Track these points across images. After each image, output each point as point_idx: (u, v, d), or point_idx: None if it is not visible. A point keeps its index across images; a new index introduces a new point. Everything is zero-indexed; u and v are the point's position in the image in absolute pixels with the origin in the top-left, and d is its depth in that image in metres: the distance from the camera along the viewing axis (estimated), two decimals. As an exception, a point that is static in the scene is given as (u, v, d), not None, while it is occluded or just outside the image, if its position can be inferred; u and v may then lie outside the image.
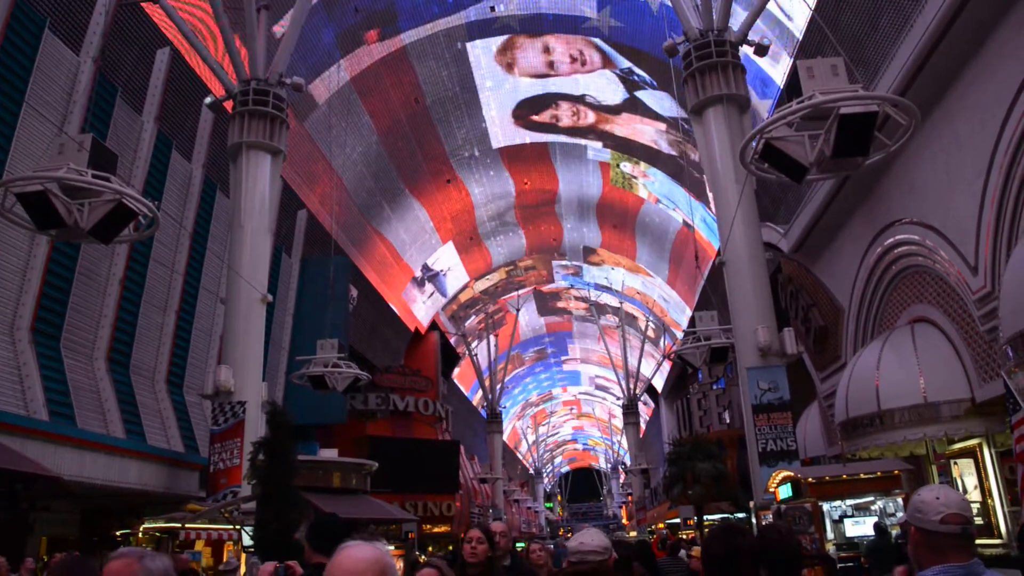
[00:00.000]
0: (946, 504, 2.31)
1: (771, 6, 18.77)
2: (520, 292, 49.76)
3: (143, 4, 16.33)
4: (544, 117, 33.13)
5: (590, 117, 32.56)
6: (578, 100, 31.70)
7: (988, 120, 10.13)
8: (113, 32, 15.52)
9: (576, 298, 51.53)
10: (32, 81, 13.85)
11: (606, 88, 30.25)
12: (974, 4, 10.01)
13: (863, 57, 14.02)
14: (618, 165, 34.94)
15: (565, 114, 32.80)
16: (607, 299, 50.00)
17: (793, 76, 9.41)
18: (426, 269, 39.80)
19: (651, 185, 34.50)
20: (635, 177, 35.17)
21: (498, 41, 28.86)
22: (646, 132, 31.12)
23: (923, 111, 10.20)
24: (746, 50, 16.09)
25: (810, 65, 9.06)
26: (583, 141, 34.02)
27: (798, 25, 19.19)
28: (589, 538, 3.43)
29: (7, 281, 13.83)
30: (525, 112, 32.76)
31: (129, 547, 2.44)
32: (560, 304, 53.63)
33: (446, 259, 40.80)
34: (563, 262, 47.10)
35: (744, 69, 15.60)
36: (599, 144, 33.88)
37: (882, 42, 13.37)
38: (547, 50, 29.34)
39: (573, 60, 29.41)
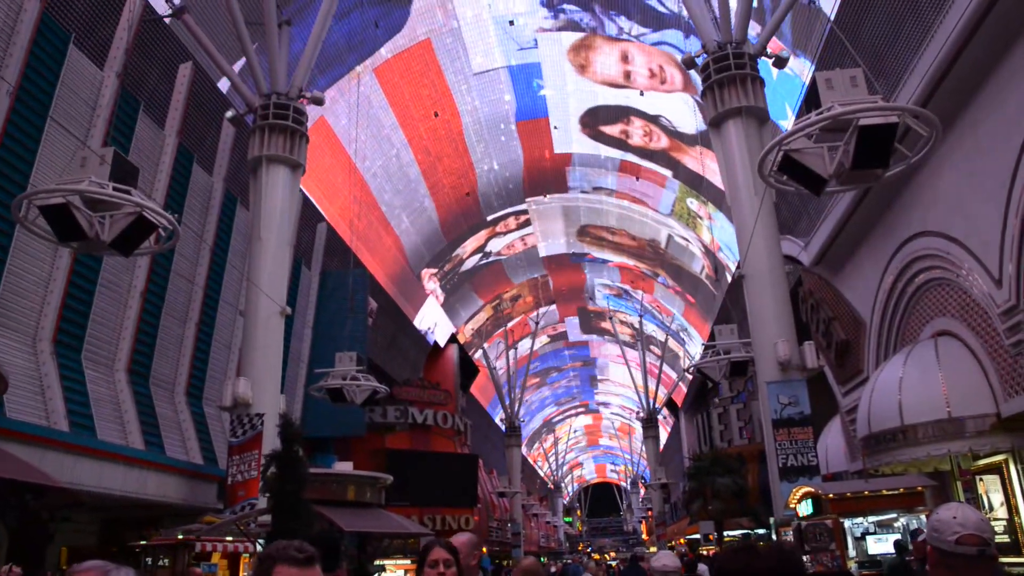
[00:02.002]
0: (963, 524, 2.24)
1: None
2: (540, 310, 49.64)
3: (166, 19, 16.54)
4: (614, 130, 31.52)
5: (663, 141, 30.77)
6: (652, 120, 29.83)
7: (1012, 130, 10.00)
8: (137, 47, 15.73)
9: (622, 322, 50.92)
10: (57, 95, 14.05)
11: (683, 113, 28.41)
12: (996, 13, 9.90)
13: (884, 68, 13.91)
14: (684, 199, 33.12)
15: (637, 132, 30.93)
16: (651, 329, 49.29)
17: (812, 88, 9.34)
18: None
19: (715, 229, 32.49)
20: (700, 217, 33.10)
21: (571, 37, 27.47)
22: (718, 171, 28.94)
23: (945, 121, 10.08)
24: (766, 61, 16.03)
25: (829, 76, 8.98)
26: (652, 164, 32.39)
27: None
28: (668, 559, 4.44)
29: (30, 293, 13.99)
30: (594, 120, 31.26)
31: (94, 560, 2.35)
32: (604, 324, 52.75)
33: (430, 316, 39.92)
34: (605, 281, 46.71)
35: (763, 81, 15.53)
36: (669, 173, 32.16)
37: (903, 52, 13.26)
38: (625, 58, 27.88)
39: (652, 75, 27.64)
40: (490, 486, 43.11)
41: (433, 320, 40.28)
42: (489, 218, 37.83)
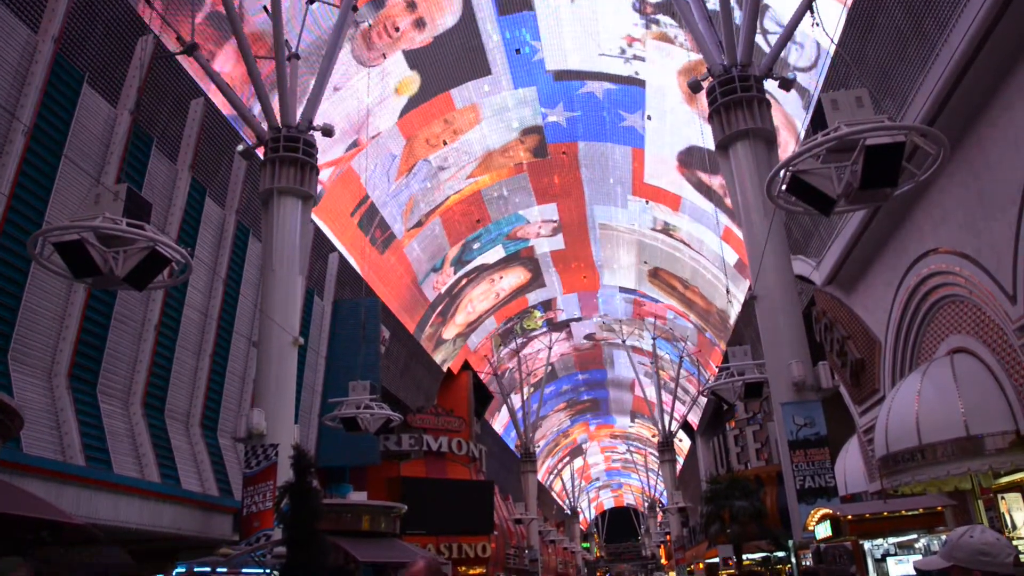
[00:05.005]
0: (1008, 546, 2.22)
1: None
2: (553, 335, 49.55)
3: (178, 57, 16.79)
4: (714, 182, 28.00)
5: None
6: None
7: (1021, 145, 9.99)
8: (149, 85, 15.96)
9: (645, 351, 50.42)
10: (71, 134, 14.25)
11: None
12: (1000, 30, 9.93)
13: (891, 88, 13.95)
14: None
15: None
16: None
17: (818, 109, 9.38)
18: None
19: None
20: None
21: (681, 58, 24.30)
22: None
23: (953, 138, 10.08)
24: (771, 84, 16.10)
25: (834, 97, 9.02)
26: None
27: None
28: None
29: (45, 328, 14.10)
30: (690, 161, 28.57)
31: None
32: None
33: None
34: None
35: (769, 103, 15.58)
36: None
37: (909, 71, 13.29)
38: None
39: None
40: (506, 512, 42.84)
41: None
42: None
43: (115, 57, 15.36)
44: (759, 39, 18.61)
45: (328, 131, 18.24)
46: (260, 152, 17.89)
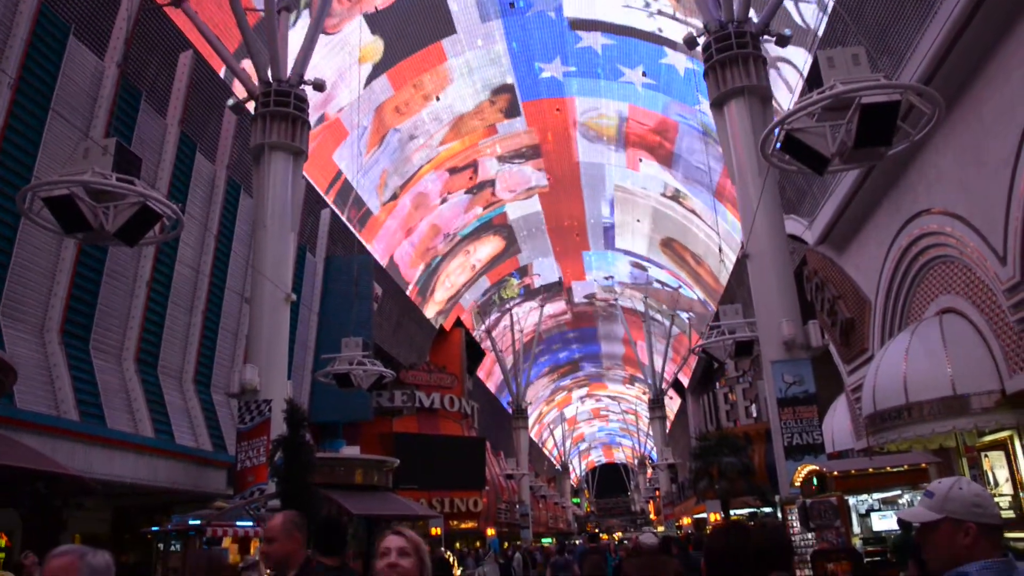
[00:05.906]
0: (992, 498, 2.21)
1: None
2: (546, 295, 49.60)
3: (166, 9, 16.49)
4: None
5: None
6: None
7: (1016, 107, 9.96)
8: (137, 37, 15.69)
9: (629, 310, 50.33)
10: (58, 87, 14.04)
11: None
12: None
13: (888, 46, 13.82)
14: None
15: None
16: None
17: (814, 67, 9.30)
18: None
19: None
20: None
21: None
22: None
23: (948, 99, 10.03)
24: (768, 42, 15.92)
25: (831, 55, 8.93)
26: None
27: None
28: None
29: (36, 284, 14.06)
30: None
31: (70, 544, 2.37)
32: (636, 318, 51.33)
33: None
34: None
35: (765, 60, 15.41)
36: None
37: (906, 30, 13.16)
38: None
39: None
40: (498, 468, 43.35)
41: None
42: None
43: (101, 8, 15.08)
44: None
45: (319, 85, 17.99)
46: (250, 107, 17.67)
